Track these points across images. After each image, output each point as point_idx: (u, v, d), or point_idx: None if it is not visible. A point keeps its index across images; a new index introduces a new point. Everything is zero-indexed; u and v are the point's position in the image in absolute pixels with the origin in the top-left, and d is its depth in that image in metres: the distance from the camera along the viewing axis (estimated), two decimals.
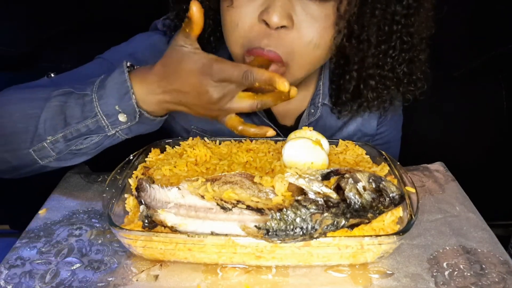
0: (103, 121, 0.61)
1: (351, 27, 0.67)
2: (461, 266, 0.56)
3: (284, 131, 0.83)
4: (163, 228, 0.53)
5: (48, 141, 0.62)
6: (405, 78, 0.74)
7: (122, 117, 0.61)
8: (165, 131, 0.88)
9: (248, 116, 0.82)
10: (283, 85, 0.55)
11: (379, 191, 0.54)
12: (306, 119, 0.83)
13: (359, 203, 0.52)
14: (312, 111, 0.83)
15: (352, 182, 0.53)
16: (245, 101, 0.59)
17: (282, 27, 0.63)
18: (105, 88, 0.61)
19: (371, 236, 0.52)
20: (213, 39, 0.76)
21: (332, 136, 0.85)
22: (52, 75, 0.74)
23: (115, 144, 0.66)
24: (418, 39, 0.71)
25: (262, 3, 0.63)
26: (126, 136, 0.64)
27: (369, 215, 0.52)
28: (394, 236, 0.52)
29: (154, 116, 0.63)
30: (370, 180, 0.54)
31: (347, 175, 0.54)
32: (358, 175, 0.54)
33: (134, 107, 0.60)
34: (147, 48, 0.78)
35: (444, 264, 0.57)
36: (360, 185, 0.53)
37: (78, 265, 0.57)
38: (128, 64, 0.63)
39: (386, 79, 0.73)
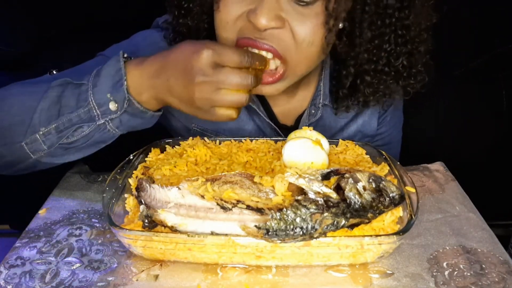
0: (94, 110, 0.61)
1: (342, 24, 0.66)
2: (461, 266, 0.56)
3: (284, 131, 0.83)
4: (163, 228, 0.53)
5: (41, 132, 0.62)
6: (404, 72, 0.72)
7: (112, 106, 0.61)
8: (166, 130, 0.88)
9: (248, 114, 0.82)
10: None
11: (379, 191, 0.54)
12: (307, 120, 0.83)
13: (359, 203, 0.52)
14: (313, 111, 0.82)
15: (352, 182, 0.53)
16: (235, 94, 0.58)
17: (273, 28, 0.63)
18: (100, 76, 0.61)
19: (371, 236, 0.52)
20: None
21: (332, 137, 0.85)
22: (54, 72, 0.74)
23: (108, 142, 0.66)
24: (416, 31, 0.69)
25: (251, 2, 0.63)
26: (117, 129, 0.64)
27: (369, 215, 0.52)
28: (394, 236, 0.52)
29: (145, 108, 0.62)
30: (370, 180, 0.54)
31: (347, 175, 0.54)
32: (358, 175, 0.54)
33: (124, 93, 0.60)
34: (147, 46, 0.78)
35: (444, 264, 0.57)
36: (360, 185, 0.53)
37: (78, 265, 0.57)
38: (125, 55, 0.63)
39: (382, 73, 0.72)
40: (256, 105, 0.80)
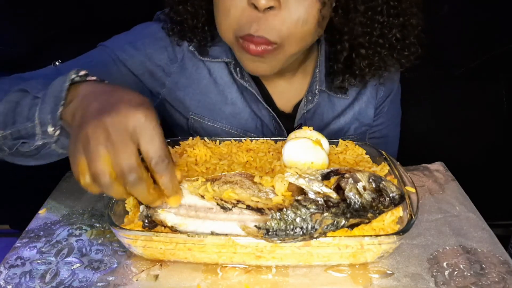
0: (37, 128, 0.56)
1: None
2: (461, 266, 0.56)
3: (282, 118, 0.84)
4: (163, 228, 0.53)
5: (0, 135, 0.59)
6: (398, 44, 0.75)
7: (50, 129, 0.55)
8: (165, 121, 0.88)
9: (244, 100, 0.83)
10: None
11: (379, 191, 0.54)
12: (304, 107, 0.84)
13: (359, 203, 0.52)
14: (310, 98, 0.84)
15: (352, 182, 0.53)
16: (104, 166, 0.45)
17: (270, 8, 0.64)
18: (47, 93, 0.56)
19: (371, 236, 0.52)
20: (208, 29, 0.78)
21: (329, 124, 0.86)
22: (57, 63, 0.74)
23: (67, 155, 0.60)
24: (407, 3, 0.72)
25: None
26: (62, 150, 0.58)
27: (369, 215, 0.52)
28: (394, 236, 0.52)
29: None
30: (370, 180, 0.54)
31: (347, 175, 0.54)
32: (358, 175, 0.54)
33: (57, 119, 0.53)
34: (145, 37, 0.80)
35: (444, 264, 0.57)
36: (360, 185, 0.53)
37: (78, 265, 0.57)
38: (83, 72, 0.55)
39: (377, 45, 0.74)
40: (255, 90, 0.81)
